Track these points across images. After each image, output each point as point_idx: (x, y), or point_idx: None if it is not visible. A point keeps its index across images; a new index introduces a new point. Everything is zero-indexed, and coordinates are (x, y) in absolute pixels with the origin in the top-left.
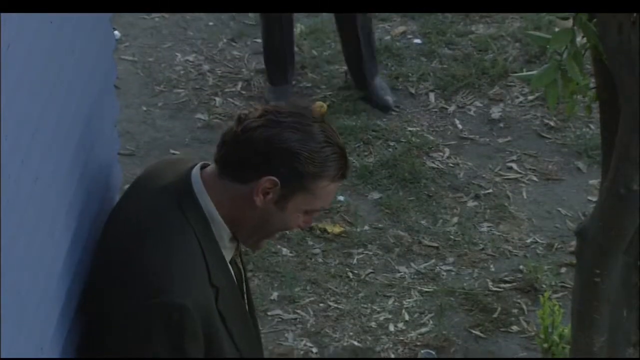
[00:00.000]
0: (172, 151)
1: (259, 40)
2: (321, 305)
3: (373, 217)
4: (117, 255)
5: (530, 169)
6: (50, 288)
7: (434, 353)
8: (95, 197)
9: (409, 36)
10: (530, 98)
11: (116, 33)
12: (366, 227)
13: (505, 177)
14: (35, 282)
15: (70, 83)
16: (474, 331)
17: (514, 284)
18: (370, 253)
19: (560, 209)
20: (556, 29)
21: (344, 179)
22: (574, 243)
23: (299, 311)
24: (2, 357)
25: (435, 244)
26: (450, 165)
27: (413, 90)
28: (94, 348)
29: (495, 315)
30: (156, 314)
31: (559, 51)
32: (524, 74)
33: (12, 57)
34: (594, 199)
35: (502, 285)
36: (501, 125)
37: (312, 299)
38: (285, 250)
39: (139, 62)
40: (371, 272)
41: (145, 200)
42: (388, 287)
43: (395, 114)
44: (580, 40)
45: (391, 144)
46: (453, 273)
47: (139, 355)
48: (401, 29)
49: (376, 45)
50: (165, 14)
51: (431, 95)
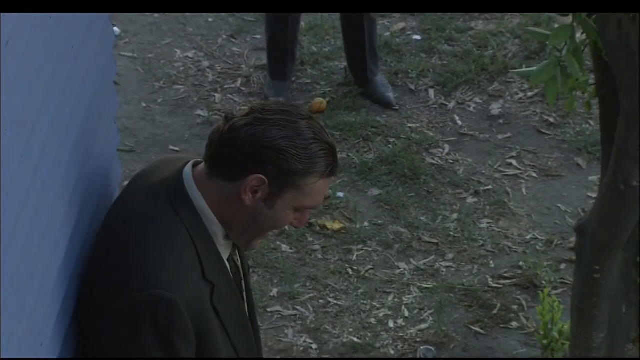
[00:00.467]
0: (172, 147)
1: (259, 37)
2: (321, 301)
3: (373, 214)
4: (111, 249)
5: (529, 165)
6: (50, 283)
7: (433, 349)
8: (95, 193)
9: (409, 32)
10: (529, 94)
11: (115, 29)
12: (366, 224)
13: (505, 174)
14: (34, 277)
15: (69, 79)
16: (473, 327)
17: (514, 280)
18: (370, 249)
19: (559, 205)
20: (556, 25)
21: (334, 176)
22: (573, 239)
23: (298, 307)
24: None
25: (435, 240)
26: (450, 161)
27: (413, 87)
28: (92, 342)
29: (494, 311)
30: (144, 307)
31: (559, 47)
32: (524, 70)
33: (11, 53)
34: (594, 195)
35: (502, 281)
36: (501, 121)
37: (312, 295)
38: (284, 247)
39: (138, 59)
40: (371, 269)
41: (139, 197)
42: (388, 284)
43: (394, 110)
44: (579, 36)
45: (391, 140)
46: (453, 269)
47: (129, 348)
48: (401, 25)
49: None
50: None
51: (431, 92)
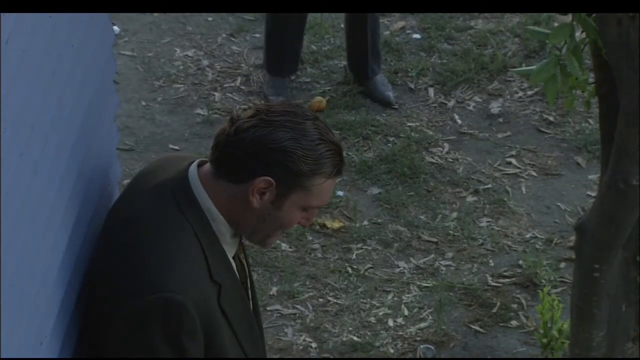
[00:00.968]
0: (172, 146)
1: (258, 36)
2: (320, 300)
3: (372, 212)
4: (117, 251)
5: (529, 164)
6: (50, 282)
7: (433, 348)
8: (94, 192)
9: (408, 31)
10: (529, 93)
11: (115, 28)
12: (365, 222)
13: (505, 172)
14: (34, 276)
15: (68, 78)
16: (473, 326)
17: (513, 279)
18: (370, 248)
19: (559, 204)
20: (555, 24)
21: (340, 175)
22: (573, 238)
23: (298, 306)
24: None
25: (435, 239)
26: (450, 160)
27: (412, 86)
28: (94, 342)
29: (494, 310)
30: (154, 310)
31: (558, 46)
32: (523, 69)
33: (11, 52)
34: (593, 194)
35: (502, 280)
36: (500, 120)
37: (312, 294)
38: (284, 245)
39: (138, 57)
40: (370, 267)
41: (144, 197)
42: (387, 282)
43: (394, 109)
44: (579, 35)
45: (390, 139)
46: (452, 268)
47: (138, 350)
48: (400, 24)
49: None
50: None
51: (430, 91)
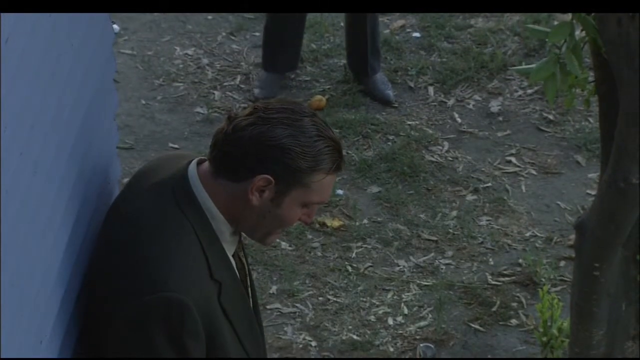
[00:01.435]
0: (171, 145)
1: (258, 34)
2: (320, 299)
3: (372, 211)
4: (117, 250)
5: (529, 162)
6: (50, 281)
7: (432, 347)
8: (94, 191)
9: (408, 30)
10: (529, 92)
11: (115, 27)
12: (365, 221)
13: (505, 171)
14: (34, 275)
15: (68, 76)
16: (473, 325)
17: (513, 277)
18: (369, 247)
19: (559, 202)
20: (555, 23)
21: (340, 171)
22: (573, 237)
23: (298, 305)
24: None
25: (434, 238)
26: (450, 159)
27: (412, 84)
28: (94, 342)
29: (494, 308)
30: (155, 309)
31: (558, 45)
32: (523, 67)
33: (11, 51)
34: (593, 192)
35: (501, 278)
36: (500, 118)
37: (311, 292)
38: (284, 244)
39: (138, 56)
40: (370, 266)
41: (143, 196)
42: (387, 281)
43: (394, 107)
44: (579, 33)
45: (390, 137)
46: (452, 267)
47: (140, 350)
48: (400, 22)
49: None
50: None
51: (430, 89)
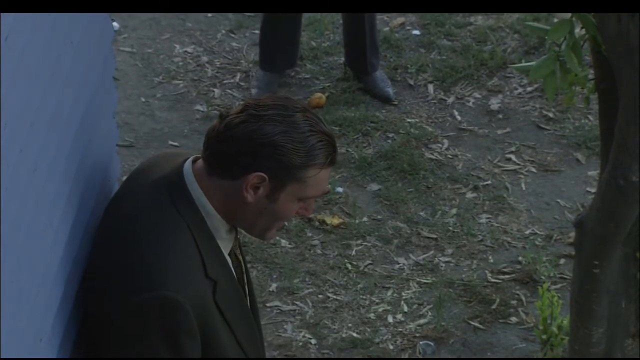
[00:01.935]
0: (171, 142)
1: (258, 32)
2: (320, 296)
3: (372, 209)
4: (113, 248)
5: (529, 160)
6: (49, 278)
7: (432, 344)
8: (94, 188)
9: (408, 27)
10: (529, 89)
11: (115, 24)
12: (365, 219)
13: (504, 169)
14: (34, 272)
15: (68, 74)
16: (472, 322)
17: (513, 275)
18: (369, 244)
19: (559, 200)
20: (555, 20)
21: (334, 165)
22: (572, 234)
23: (297, 302)
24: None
25: (434, 236)
26: (449, 156)
27: (412, 82)
28: (93, 341)
29: (494, 306)
30: (151, 308)
31: (558, 42)
32: (523, 65)
33: (11, 48)
34: (593, 190)
35: (501, 276)
36: (500, 116)
37: (311, 290)
38: (284, 242)
39: (137, 54)
40: (370, 264)
41: (139, 194)
42: (387, 279)
43: (394, 105)
44: (578, 31)
45: (390, 135)
46: (452, 264)
47: (136, 349)
48: (400, 20)
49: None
50: None
51: (430, 87)
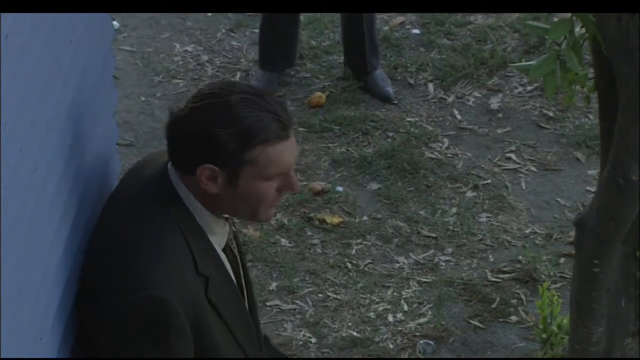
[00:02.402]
0: None
1: (258, 31)
2: (320, 295)
3: (372, 208)
4: (105, 250)
5: (529, 159)
6: (49, 277)
7: (432, 343)
8: (94, 187)
9: (408, 26)
10: (529, 88)
11: (115, 23)
12: (365, 218)
13: (504, 168)
14: (33, 272)
15: (68, 73)
16: (472, 321)
17: (513, 274)
18: (369, 243)
19: (559, 199)
20: (555, 19)
21: (287, 136)
22: (572, 233)
23: (297, 301)
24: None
25: (434, 235)
26: (449, 155)
27: (412, 81)
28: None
29: (494, 305)
30: (139, 308)
31: (558, 41)
32: (523, 64)
33: (10, 47)
34: (593, 189)
35: (501, 275)
36: (500, 115)
37: (311, 289)
38: (284, 241)
39: (137, 53)
40: (370, 263)
41: (129, 196)
42: (387, 278)
43: (394, 104)
44: (578, 30)
45: (390, 134)
46: (452, 263)
47: (127, 350)
48: (400, 19)
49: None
50: None
51: (430, 86)
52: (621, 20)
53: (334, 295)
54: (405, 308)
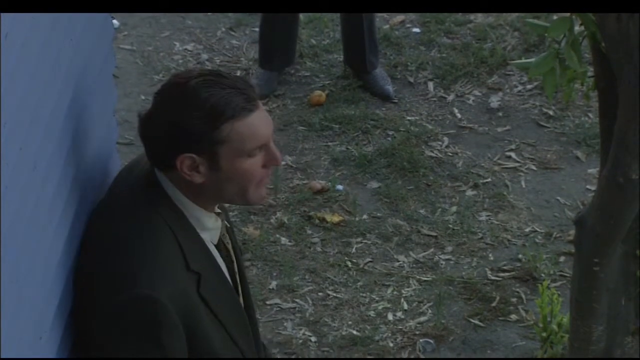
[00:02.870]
0: None
1: (258, 29)
2: (320, 294)
3: (372, 206)
4: (97, 250)
5: (529, 158)
6: (49, 277)
7: (432, 342)
8: (94, 186)
9: (408, 25)
10: (529, 87)
11: (115, 22)
12: (365, 217)
13: (504, 166)
14: (33, 271)
15: (68, 72)
16: (472, 320)
17: (513, 273)
18: (369, 242)
19: (559, 197)
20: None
21: (255, 104)
22: (572, 232)
23: (297, 300)
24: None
25: (434, 233)
26: (449, 154)
27: (412, 80)
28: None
29: (494, 304)
30: (127, 307)
31: (558, 39)
32: (522, 61)
33: (10, 46)
34: (593, 188)
35: (501, 274)
36: (500, 114)
37: (311, 288)
38: (284, 240)
39: (137, 51)
40: (370, 261)
41: (118, 195)
42: (387, 276)
43: (394, 103)
44: (578, 28)
45: (390, 133)
46: (452, 262)
47: (119, 349)
48: (400, 17)
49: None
50: None
51: (430, 85)
52: (621, 20)
53: (334, 294)
54: (405, 307)
